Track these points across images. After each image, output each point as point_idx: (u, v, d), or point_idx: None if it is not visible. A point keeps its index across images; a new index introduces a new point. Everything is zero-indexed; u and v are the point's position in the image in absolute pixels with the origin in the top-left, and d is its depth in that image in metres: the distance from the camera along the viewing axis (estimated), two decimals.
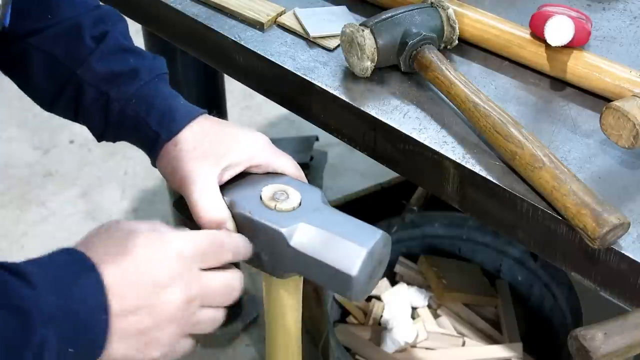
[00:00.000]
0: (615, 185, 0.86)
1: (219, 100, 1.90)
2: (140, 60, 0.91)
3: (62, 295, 0.64)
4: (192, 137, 0.86)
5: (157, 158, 0.88)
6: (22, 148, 2.63)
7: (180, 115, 0.88)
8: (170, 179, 0.87)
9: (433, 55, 0.96)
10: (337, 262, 0.77)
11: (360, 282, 0.77)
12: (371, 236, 0.79)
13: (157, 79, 0.91)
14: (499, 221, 0.88)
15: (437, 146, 0.90)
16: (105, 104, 0.89)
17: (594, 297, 1.28)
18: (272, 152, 0.88)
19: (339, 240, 0.77)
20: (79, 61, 0.89)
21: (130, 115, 0.88)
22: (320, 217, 0.80)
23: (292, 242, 0.78)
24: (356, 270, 0.76)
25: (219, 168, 0.84)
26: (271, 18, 1.10)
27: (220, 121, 0.90)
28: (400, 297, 1.67)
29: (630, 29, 1.09)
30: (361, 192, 1.97)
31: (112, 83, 0.89)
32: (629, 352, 0.73)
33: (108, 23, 0.92)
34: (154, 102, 0.89)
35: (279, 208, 0.81)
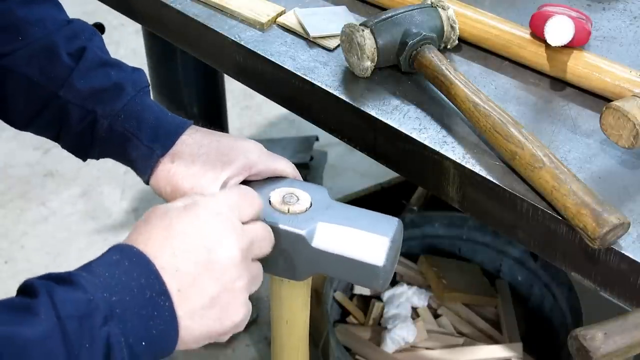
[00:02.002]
0: (615, 185, 0.86)
1: (219, 100, 1.90)
2: (122, 74, 0.89)
3: (117, 291, 0.62)
4: (188, 151, 0.85)
5: (151, 175, 0.86)
6: (22, 148, 2.63)
7: (172, 128, 0.87)
8: (169, 198, 0.85)
9: (433, 55, 0.96)
10: (363, 256, 0.77)
11: (387, 271, 0.78)
12: (390, 225, 0.80)
13: (142, 93, 0.89)
14: (499, 221, 0.88)
15: (437, 146, 0.90)
16: (92, 122, 0.87)
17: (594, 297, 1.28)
18: (268, 158, 0.87)
19: (360, 233, 0.78)
20: (58, 81, 0.87)
21: (119, 132, 0.86)
22: (335, 214, 0.81)
23: (313, 243, 0.78)
24: (383, 260, 0.77)
25: (219, 181, 0.83)
26: (271, 18, 1.10)
27: (211, 132, 0.88)
28: (400, 297, 1.67)
29: (630, 29, 1.09)
30: (361, 192, 1.97)
31: (97, 100, 0.87)
32: (629, 352, 0.73)
33: (82, 38, 0.90)
34: (143, 116, 0.87)
35: (292, 211, 0.80)
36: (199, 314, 0.66)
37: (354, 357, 1.59)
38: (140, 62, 1.71)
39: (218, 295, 0.67)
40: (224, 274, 0.67)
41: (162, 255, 0.66)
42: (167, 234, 0.67)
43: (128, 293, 0.63)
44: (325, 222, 0.79)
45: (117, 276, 0.63)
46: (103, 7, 1.34)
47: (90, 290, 0.61)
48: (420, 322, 1.63)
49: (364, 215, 0.82)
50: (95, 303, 0.61)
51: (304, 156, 2.23)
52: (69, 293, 0.61)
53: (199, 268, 0.66)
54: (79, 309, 0.60)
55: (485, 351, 1.59)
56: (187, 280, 0.66)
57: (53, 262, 2.23)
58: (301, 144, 2.29)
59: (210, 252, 0.67)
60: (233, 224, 0.70)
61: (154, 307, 0.63)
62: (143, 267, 0.65)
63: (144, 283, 0.64)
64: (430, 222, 1.77)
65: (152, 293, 0.64)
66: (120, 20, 2.78)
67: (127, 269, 0.64)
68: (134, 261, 0.65)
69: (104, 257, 0.66)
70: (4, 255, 2.26)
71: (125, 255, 0.65)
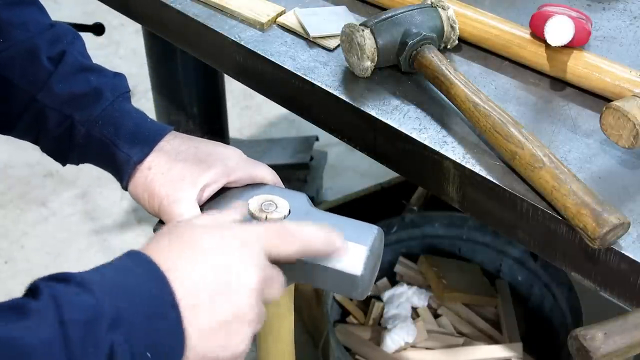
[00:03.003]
0: (615, 185, 0.86)
1: (219, 100, 1.90)
2: (102, 79, 0.88)
3: (124, 298, 0.61)
4: (166, 158, 0.84)
5: (129, 181, 0.86)
6: (22, 148, 2.62)
7: (150, 134, 0.86)
8: (147, 204, 0.84)
9: (433, 55, 0.96)
10: (341, 265, 0.76)
11: (365, 280, 0.77)
12: (368, 233, 0.79)
13: (122, 98, 0.88)
14: (499, 221, 0.88)
15: (437, 146, 0.91)
16: (69, 127, 0.86)
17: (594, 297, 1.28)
18: (248, 164, 0.86)
19: None
20: (37, 84, 0.86)
21: (97, 138, 0.86)
22: (313, 222, 0.79)
23: None
24: (361, 269, 0.76)
25: (197, 187, 0.82)
26: (271, 18, 1.10)
27: (190, 137, 0.87)
28: (400, 297, 1.67)
29: (630, 29, 1.09)
30: (361, 192, 1.97)
31: (75, 105, 0.86)
32: (629, 352, 0.73)
33: (64, 42, 0.89)
34: (121, 122, 0.86)
35: (270, 219, 0.80)
36: (207, 336, 0.65)
37: (354, 357, 1.59)
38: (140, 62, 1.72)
39: (229, 321, 0.66)
40: (239, 302, 0.66)
41: (182, 268, 0.65)
42: (192, 249, 0.66)
43: (136, 301, 0.61)
44: None
45: (127, 283, 0.62)
46: (103, 7, 1.34)
47: (98, 294, 0.60)
48: (420, 322, 1.64)
49: (342, 223, 0.80)
50: (102, 308, 0.59)
51: (304, 156, 2.23)
52: (75, 295, 0.60)
53: (218, 288, 0.65)
54: (84, 313, 0.59)
55: (485, 351, 1.59)
56: (203, 297, 0.64)
57: (53, 262, 2.23)
58: (301, 144, 2.29)
59: (231, 276, 0.66)
60: (259, 258, 0.68)
61: (162, 318, 0.62)
62: (155, 276, 0.63)
63: (155, 293, 0.62)
64: (430, 222, 1.77)
65: (161, 304, 0.62)
66: (120, 20, 2.78)
67: (139, 277, 0.63)
68: (146, 269, 0.64)
69: (116, 262, 0.65)
70: (4, 255, 2.26)
71: (138, 262, 0.64)
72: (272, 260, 0.70)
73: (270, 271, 0.70)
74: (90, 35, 1.70)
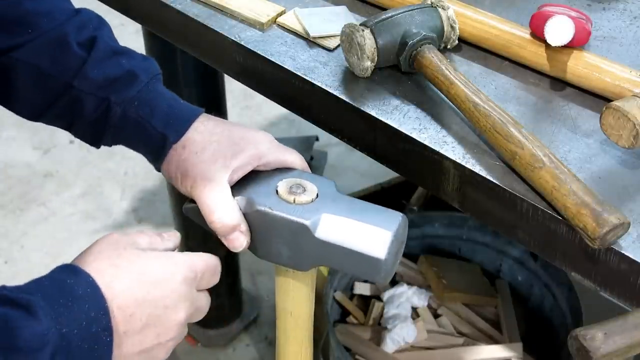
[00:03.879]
0: (615, 185, 0.86)
1: (219, 100, 1.90)
2: (134, 62, 0.90)
3: (68, 323, 0.64)
4: (200, 138, 0.86)
5: (163, 161, 0.88)
6: (22, 148, 2.63)
7: (185, 115, 0.88)
8: (180, 183, 0.87)
9: (433, 55, 0.96)
10: (366, 248, 0.78)
11: (388, 265, 0.79)
12: (394, 219, 0.81)
13: (155, 80, 0.90)
14: (499, 221, 0.88)
15: (437, 146, 0.90)
16: (106, 110, 0.88)
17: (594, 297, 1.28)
18: (278, 149, 0.89)
19: (363, 226, 0.79)
20: (70, 71, 0.88)
21: (133, 118, 0.88)
22: (340, 206, 0.82)
23: (317, 233, 0.79)
24: (385, 253, 0.78)
25: (229, 170, 0.84)
26: (271, 18, 1.10)
27: (222, 121, 0.90)
28: (400, 297, 1.67)
29: (630, 29, 1.09)
30: (361, 192, 1.97)
31: (111, 88, 0.88)
32: (629, 352, 0.73)
33: (91, 27, 0.90)
34: (156, 103, 0.88)
35: (298, 201, 0.82)
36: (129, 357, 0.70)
37: (354, 357, 1.59)
38: None
39: (152, 347, 0.71)
40: (166, 333, 0.72)
41: (126, 297, 0.69)
42: (137, 279, 0.70)
43: (77, 325, 0.65)
44: (330, 214, 0.80)
45: (70, 305, 0.65)
46: (103, 7, 1.34)
47: (45, 322, 0.62)
48: (420, 322, 1.63)
49: (369, 208, 0.82)
50: (47, 337, 0.62)
51: (304, 156, 2.23)
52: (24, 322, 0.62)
53: (150, 319, 0.70)
54: (30, 343, 0.61)
55: (485, 351, 1.59)
56: (135, 327, 0.69)
57: (53, 262, 2.23)
58: (301, 144, 2.29)
59: (165, 311, 0.71)
60: (191, 292, 0.74)
61: (96, 340, 0.66)
62: (95, 300, 0.67)
63: (93, 317, 0.66)
64: (430, 222, 1.77)
65: (98, 328, 0.66)
66: (121, 20, 2.78)
67: (80, 299, 0.66)
68: (88, 292, 0.67)
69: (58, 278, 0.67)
70: (4, 255, 2.26)
71: (79, 282, 0.67)
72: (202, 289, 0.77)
73: (199, 301, 0.76)
74: None
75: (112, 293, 0.68)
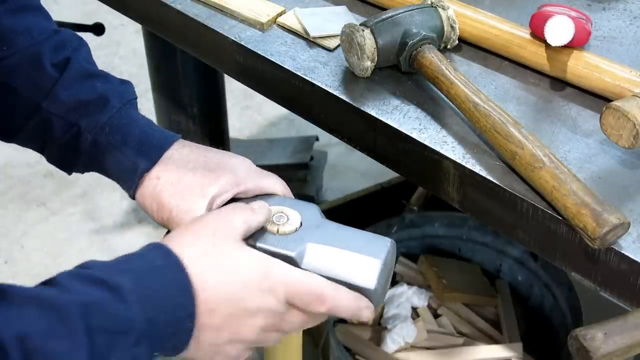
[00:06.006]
0: (615, 185, 0.86)
1: (219, 100, 1.90)
2: (108, 86, 0.87)
3: (155, 308, 0.63)
4: (174, 167, 0.83)
5: (136, 190, 0.85)
6: (22, 148, 2.62)
7: (158, 143, 0.85)
8: (155, 215, 0.84)
9: (433, 55, 0.96)
10: (354, 278, 0.75)
11: (378, 294, 0.76)
12: (382, 246, 0.78)
13: (129, 105, 0.87)
14: (499, 221, 0.88)
15: (437, 146, 0.91)
16: (76, 135, 0.85)
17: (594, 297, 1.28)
18: (257, 174, 0.84)
19: (351, 255, 0.76)
20: (42, 92, 0.85)
21: (104, 145, 0.84)
22: (325, 234, 0.78)
23: (303, 264, 0.76)
24: (374, 283, 0.75)
25: (206, 198, 0.80)
26: (271, 18, 1.10)
27: (198, 146, 0.86)
28: (400, 297, 1.67)
29: (630, 29, 1.09)
30: (361, 192, 1.97)
31: (81, 112, 0.85)
32: (629, 352, 0.73)
33: (69, 48, 0.88)
34: (128, 130, 0.85)
35: (282, 231, 0.78)
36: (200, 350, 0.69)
37: (354, 357, 1.59)
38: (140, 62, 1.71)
39: (223, 345, 0.70)
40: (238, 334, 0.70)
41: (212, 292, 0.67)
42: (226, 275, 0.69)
43: (163, 310, 0.64)
44: (315, 243, 0.77)
45: (158, 289, 0.64)
46: (103, 7, 1.34)
47: (133, 307, 0.62)
48: (420, 322, 1.63)
49: (355, 235, 0.79)
50: (134, 322, 0.61)
51: (304, 156, 2.23)
52: (109, 304, 0.61)
53: (229, 318, 0.69)
54: (115, 325, 0.60)
55: (485, 351, 1.59)
56: (214, 322, 0.68)
57: (53, 262, 2.23)
58: (301, 144, 2.29)
59: (245, 313, 0.70)
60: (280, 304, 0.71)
61: (178, 326, 0.65)
62: (183, 287, 0.66)
63: (179, 302, 0.65)
64: (430, 222, 1.77)
65: (182, 313, 0.65)
66: (121, 20, 2.78)
67: (169, 283, 0.65)
68: (177, 276, 0.66)
69: (148, 258, 0.67)
70: (4, 255, 2.26)
71: (170, 265, 0.66)
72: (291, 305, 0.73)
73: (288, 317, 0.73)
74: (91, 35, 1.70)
75: (200, 284, 0.66)
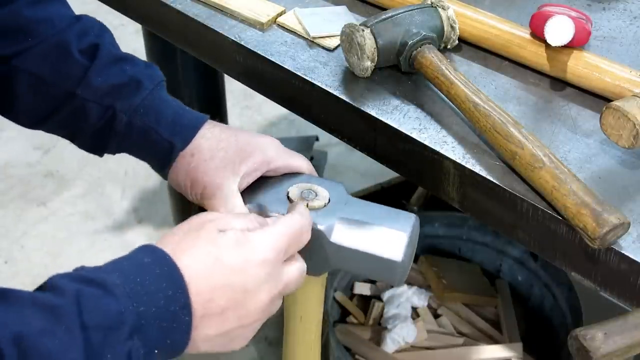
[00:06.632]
0: (615, 185, 0.86)
1: (219, 100, 1.90)
2: (137, 69, 0.89)
3: (145, 301, 0.63)
4: (208, 145, 0.86)
5: (169, 169, 0.87)
6: (22, 148, 2.63)
7: (191, 122, 0.88)
8: (189, 191, 0.86)
9: (433, 55, 0.96)
10: (382, 251, 0.78)
11: (404, 266, 0.79)
12: (407, 220, 0.81)
13: (159, 87, 0.90)
14: (499, 221, 0.88)
15: (437, 146, 0.91)
16: (111, 118, 0.87)
17: (594, 297, 1.28)
18: (286, 154, 0.88)
19: (378, 229, 0.79)
20: (73, 79, 0.87)
21: (139, 126, 0.87)
22: (353, 210, 0.82)
23: (332, 238, 0.79)
24: (401, 255, 0.78)
25: (238, 176, 0.84)
26: (271, 18, 1.10)
27: (228, 127, 0.89)
28: (400, 297, 1.67)
29: (630, 29, 1.09)
30: (361, 192, 1.97)
31: (115, 95, 0.87)
32: (629, 352, 0.73)
33: (92, 34, 0.89)
34: (162, 110, 0.87)
35: (311, 206, 0.81)
36: (210, 340, 0.68)
37: (354, 357, 1.59)
38: None
39: (234, 330, 0.69)
40: (248, 316, 0.69)
41: (203, 282, 0.66)
42: (213, 264, 0.68)
43: (155, 304, 0.63)
44: (344, 218, 0.80)
45: (147, 284, 0.64)
46: (103, 7, 1.34)
47: (122, 300, 0.61)
48: (420, 322, 1.64)
49: (381, 211, 0.82)
50: (125, 316, 0.61)
51: (304, 156, 2.23)
52: (99, 299, 0.61)
53: (229, 303, 0.68)
54: (107, 320, 0.60)
55: (485, 351, 1.59)
56: (215, 311, 0.67)
57: (53, 262, 2.23)
58: (301, 144, 2.29)
59: (245, 295, 0.69)
60: (275, 271, 0.71)
61: (174, 319, 0.65)
62: (173, 278, 0.65)
63: (171, 295, 0.64)
64: (430, 222, 1.77)
65: (176, 306, 0.65)
66: (121, 20, 2.78)
67: (157, 278, 0.65)
68: (165, 271, 0.65)
69: (135, 257, 0.66)
70: (4, 255, 2.26)
71: (157, 261, 0.66)
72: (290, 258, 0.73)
73: (286, 275, 0.72)
74: None
75: (190, 275, 0.66)
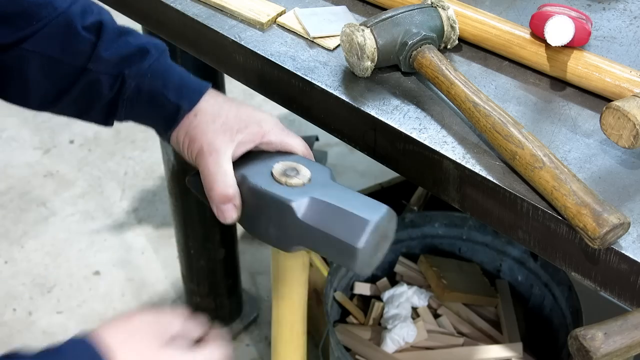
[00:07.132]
0: (615, 185, 0.86)
1: None
2: (142, 40, 0.93)
3: None
4: (210, 109, 0.90)
5: (173, 131, 0.91)
6: (22, 148, 2.63)
7: (196, 87, 0.92)
8: (186, 148, 0.89)
9: (433, 55, 0.96)
10: (343, 234, 0.79)
11: (365, 255, 0.79)
12: (377, 210, 0.81)
13: (164, 54, 0.94)
14: (499, 221, 0.88)
15: (437, 146, 0.91)
16: (121, 84, 0.91)
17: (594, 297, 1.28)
18: (283, 131, 0.92)
19: (345, 213, 0.80)
20: (83, 55, 0.90)
21: (147, 90, 0.91)
22: (329, 193, 0.83)
23: (300, 214, 0.81)
24: (362, 242, 0.78)
25: (234, 143, 0.87)
26: (271, 18, 1.10)
27: (230, 98, 0.93)
28: (400, 297, 1.67)
29: (630, 29, 1.09)
30: (361, 192, 1.97)
31: (124, 64, 0.91)
32: (629, 352, 0.73)
33: (93, 12, 0.93)
34: (168, 75, 0.91)
35: (289, 183, 0.84)
36: None
37: (354, 357, 1.59)
38: None
39: None
40: None
41: None
42: None
43: None
44: (316, 198, 0.81)
45: None
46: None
47: None
48: (420, 322, 1.63)
49: (356, 197, 0.84)
50: None
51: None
52: None
53: None
54: None
55: (485, 351, 1.59)
56: None
57: (53, 262, 2.23)
58: None
59: None
60: None
61: None
62: None
63: None
64: (430, 222, 1.77)
65: None
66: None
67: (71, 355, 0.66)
68: None
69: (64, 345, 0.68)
70: (4, 255, 2.26)
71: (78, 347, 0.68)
72: None
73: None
74: None
75: None
